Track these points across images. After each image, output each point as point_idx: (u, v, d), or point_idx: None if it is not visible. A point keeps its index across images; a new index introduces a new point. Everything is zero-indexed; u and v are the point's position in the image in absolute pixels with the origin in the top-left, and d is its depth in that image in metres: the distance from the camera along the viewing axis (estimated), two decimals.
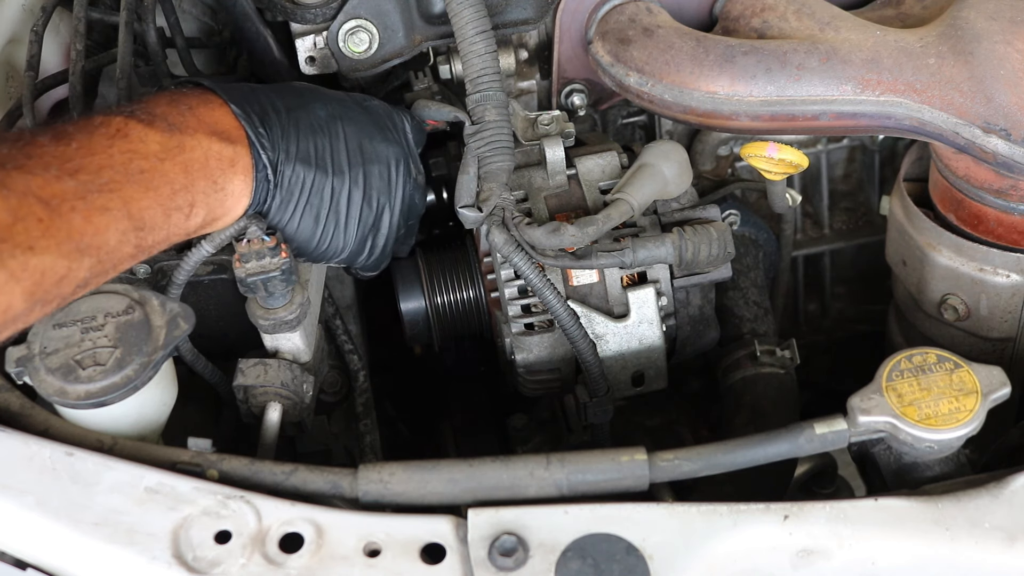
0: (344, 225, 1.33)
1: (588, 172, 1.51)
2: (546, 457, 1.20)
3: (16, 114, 1.38)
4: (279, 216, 1.28)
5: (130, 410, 1.23)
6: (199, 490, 1.14)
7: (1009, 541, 1.12)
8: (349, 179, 1.32)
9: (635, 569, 1.09)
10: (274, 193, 1.27)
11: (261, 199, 1.26)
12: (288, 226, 1.29)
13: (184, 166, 1.17)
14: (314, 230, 1.31)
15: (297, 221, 1.30)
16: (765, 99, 1.45)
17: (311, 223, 1.30)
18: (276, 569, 1.10)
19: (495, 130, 1.40)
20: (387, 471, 1.19)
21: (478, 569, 1.09)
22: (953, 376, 1.23)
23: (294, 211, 1.29)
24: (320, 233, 1.32)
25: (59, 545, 1.12)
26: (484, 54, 1.40)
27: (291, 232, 1.30)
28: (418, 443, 1.91)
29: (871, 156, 1.85)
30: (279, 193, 1.27)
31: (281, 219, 1.29)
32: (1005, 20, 1.42)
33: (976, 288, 1.53)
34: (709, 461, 1.21)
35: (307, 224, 1.30)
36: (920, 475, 1.24)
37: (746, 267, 1.72)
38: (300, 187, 1.28)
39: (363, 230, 1.35)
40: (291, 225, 1.29)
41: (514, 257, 1.38)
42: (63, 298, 1.07)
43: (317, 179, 1.29)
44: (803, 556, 1.12)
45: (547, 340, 1.49)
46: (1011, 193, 1.44)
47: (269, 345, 1.36)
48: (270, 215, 1.28)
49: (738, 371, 1.67)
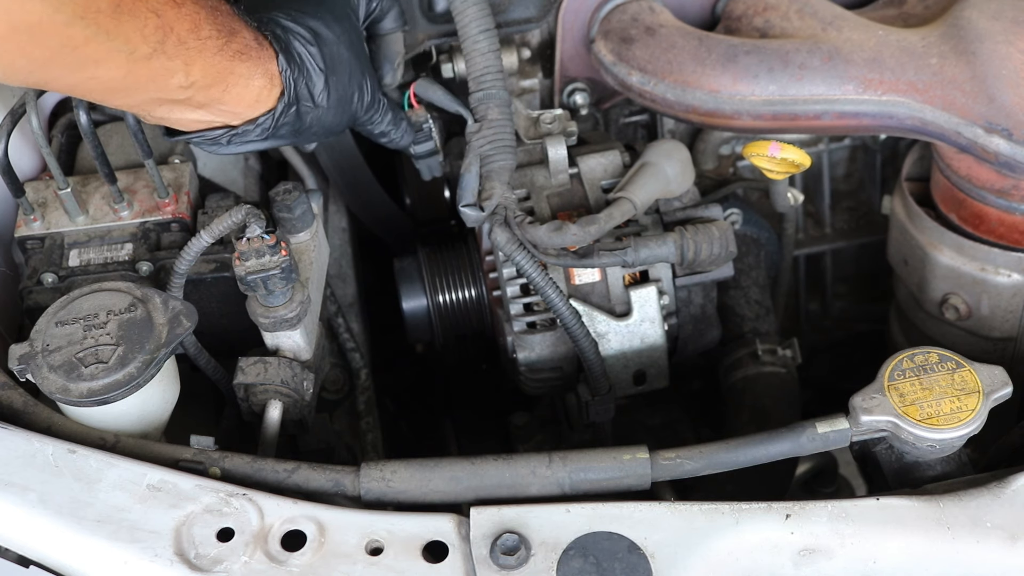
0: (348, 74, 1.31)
1: (590, 171, 1.52)
2: (548, 455, 1.20)
3: (20, 112, 1.38)
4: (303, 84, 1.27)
5: (132, 408, 1.23)
6: (201, 488, 1.15)
7: (1010, 540, 1.12)
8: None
9: (637, 567, 1.09)
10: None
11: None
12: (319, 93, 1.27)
13: (229, 28, 1.16)
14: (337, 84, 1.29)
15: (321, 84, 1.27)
16: (767, 98, 1.45)
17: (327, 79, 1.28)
18: (278, 567, 1.10)
19: (498, 129, 1.40)
20: (389, 469, 1.19)
21: (480, 567, 1.09)
22: (955, 376, 1.23)
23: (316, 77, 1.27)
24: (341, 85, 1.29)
25: (62, 542, 1.12)
26: (487, 52, 1.40)
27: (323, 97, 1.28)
28: (420, 441, 1.91)
29: (873, 156, 1.85)
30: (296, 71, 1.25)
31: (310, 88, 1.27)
32: (1007, 20, 1.42)
33: (977, 288, 1.53)
34: (711, 460, 1.21)
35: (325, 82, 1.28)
36: (922, 474, 1.24)
37: (748, 266, 1.72)
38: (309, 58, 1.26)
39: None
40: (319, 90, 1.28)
41: (516, 256, 1.38)
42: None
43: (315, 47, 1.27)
44: (805, 555, 1.12)
45: (549, 339, 1.49)
46: (1013, 193, 1.44)
47: (270, 343, 1.36)
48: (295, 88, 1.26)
49: (739, 370, 1.67)
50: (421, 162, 1.52)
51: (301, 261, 1.37)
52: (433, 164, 1.53)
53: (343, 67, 1.29)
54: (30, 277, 1.39)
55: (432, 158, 1.51)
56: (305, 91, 1.25)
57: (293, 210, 1.36)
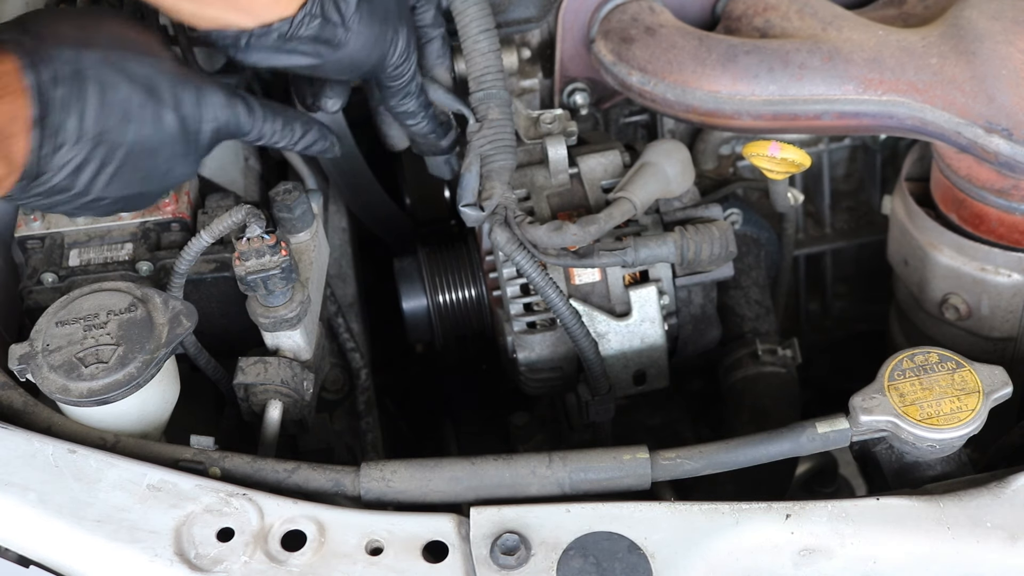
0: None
1: (590, 171, 1.51)
2: (548, 455, 1.20)
3: None
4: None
5: (132, 408, 1.23)
6: (201, 488, 1.15)
7: (1010, 540, 1.12)
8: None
9: (637, 567, 1.09)
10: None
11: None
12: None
13: None
14: None
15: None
16: (767, 98, 1.45)
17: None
18: (278, 567, 1.10)
19: (498, 128, 1.40)
20: (389, 469, 1.19)
21: (480, 567, 1.09)
22: (955, 376, 1.23)
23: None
24: None
25: (62, 542, 1.12)
26: (488, 52, 1.40)
27: None
28: (420, 441, 1.91)
29: (873, 155, 1.85)
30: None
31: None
32: (1007, 20, 1.42)
33: (977, 288, 1.53)
34: (711, 460, 1.21)
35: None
36: (922, 474, 1.24)
37: (748, 266, 1.72)
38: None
39: None
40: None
41: (516, 255, 1.38)
42: None
43: None
44: (805, 555, 1.12)
45: (549, 338, 1.49)
46: (1013, 193, 1.44)
47: (270, 343, 1.36)
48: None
49: (739, 370, 1.67)
50: (439, 159, 1.52)
51: (301, 261, 1.38)
52: (452, 160, 1.53)
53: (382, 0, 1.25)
54: (30, 277, 1.39)
55: (451, 154, 1.51)
56: (333, 5, 1.21)
57: (293, 210, 1.36)
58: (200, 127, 1.23)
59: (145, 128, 1.17)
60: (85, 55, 1.14)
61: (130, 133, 1.16)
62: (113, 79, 1.15)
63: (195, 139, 1.23)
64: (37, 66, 1.11)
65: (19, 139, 1.10)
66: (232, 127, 1.26)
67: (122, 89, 1.16)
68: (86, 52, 1.14)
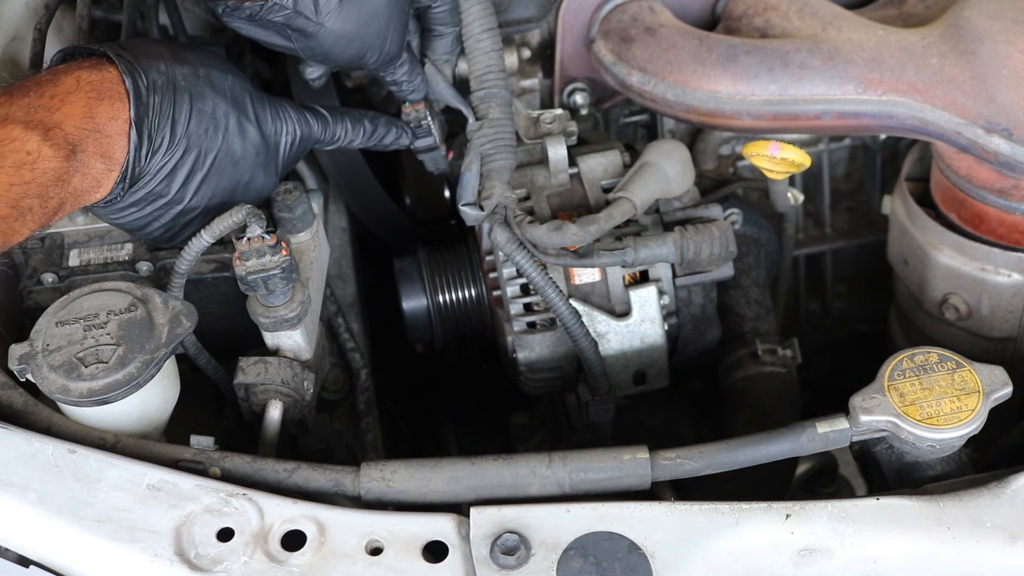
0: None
1: (590, 171, 1.51)
2: (548, 455, 1.20)
3: None
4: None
5: (132, 408, 1.23)
6: (201, 488, 1.15)
7: (1010, 540, 1.12)
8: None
9: (637, 567, 1.09)
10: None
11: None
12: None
13: None
14: None
15: None
16: (767, 98, 1.46)
17: None
18: (278, 567, 1.10)
19: (499, 128, 1.41)
20: (389, 469, 1.19)
21: (480, 567, 1.09)
22: (955, 376, 1.23)
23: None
24: None
25: (62, 542, 1.12)
26: (490, 51, 1.41)
27: None
28: (419, 441, 1.91)
29: (873, 155, 1.85)
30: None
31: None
32: (1007, 20, 1.42)
33: (977, 288, 1.53)
34: (711, 460, 1.21)
35: None
36: (922, 474, 1.24)
37: (748, 266, 1.72)
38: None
39: None
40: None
41: (516, 255, 1.38)
42: None
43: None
44: (805, 555, 1.12)
45: (549, 338, 1.49)
46: (1013, 193, 1.44)
47: (270, 343, 1.36)
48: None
49: (739, 370, 1.67)
50: (425, 155, 1.53)
51: (301, 261, 1.37)
52: (437, 157, 1.53)
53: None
54: (30, 277, 1.39)
55: (435, 152, 1.52)
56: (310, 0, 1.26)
57: (293, 210, 1.36)
58: (279, 139, 1.35)
59: (231, 137, 1.29)
60: (176, 68, 1.25)
61: (218, 141, 1.27)
62: (202, 90, 1.26)
63: (275, 151, 1.35)
64: (134, 74, 1.21)
65: (119, 139, 1.20)
66: (306, 136, 1.38)
67: (210, 99, 1.27)
68: (177, 66, 1.26)
